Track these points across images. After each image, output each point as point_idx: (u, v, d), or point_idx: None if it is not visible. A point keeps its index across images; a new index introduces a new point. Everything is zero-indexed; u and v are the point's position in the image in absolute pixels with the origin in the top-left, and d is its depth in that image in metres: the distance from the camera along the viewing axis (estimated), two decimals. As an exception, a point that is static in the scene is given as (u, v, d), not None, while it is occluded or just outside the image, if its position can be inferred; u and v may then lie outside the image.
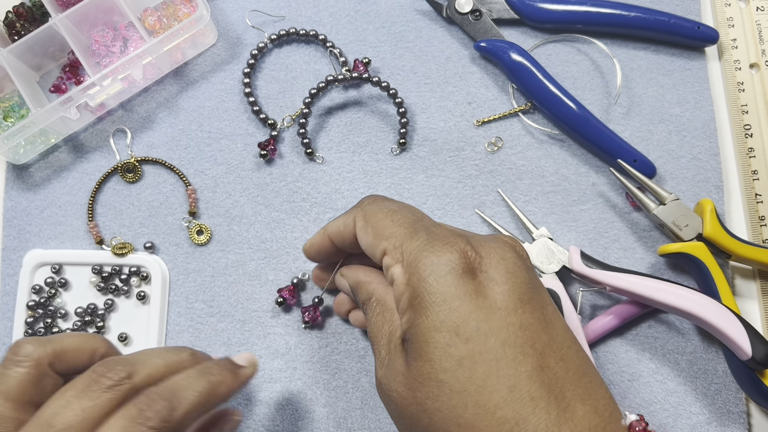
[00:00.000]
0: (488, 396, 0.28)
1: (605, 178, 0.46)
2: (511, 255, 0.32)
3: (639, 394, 0.43)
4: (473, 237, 0.33)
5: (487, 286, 0.30)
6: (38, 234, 0.47)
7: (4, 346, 0.45)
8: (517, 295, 0.30)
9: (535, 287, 0.31)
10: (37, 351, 0.33)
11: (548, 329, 0.30)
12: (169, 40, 0.45)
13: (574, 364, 0.30)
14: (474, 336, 0.29)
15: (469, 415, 0.28)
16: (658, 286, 0.40)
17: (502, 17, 0.48)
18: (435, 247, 0.31)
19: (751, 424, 0.43)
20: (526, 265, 0.32)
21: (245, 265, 0.46)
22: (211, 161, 0.47)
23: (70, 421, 0.29)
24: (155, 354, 0.33)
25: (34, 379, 0.32)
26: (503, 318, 0.29)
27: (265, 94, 0.48)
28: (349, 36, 0.49)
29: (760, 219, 0.45)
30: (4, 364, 0.32)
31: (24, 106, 0.47)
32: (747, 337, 0.39)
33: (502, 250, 0.32)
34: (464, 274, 0.30)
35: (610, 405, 0.30)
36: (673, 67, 0.48)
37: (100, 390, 0.30)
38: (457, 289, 0.30)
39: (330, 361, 0.44)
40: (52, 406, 0.30)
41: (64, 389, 0.30)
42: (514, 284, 0.30)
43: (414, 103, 0.48)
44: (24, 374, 0.32)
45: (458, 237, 0.32)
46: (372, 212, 0.35)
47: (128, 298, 0.46)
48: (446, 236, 0.32)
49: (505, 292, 0.30)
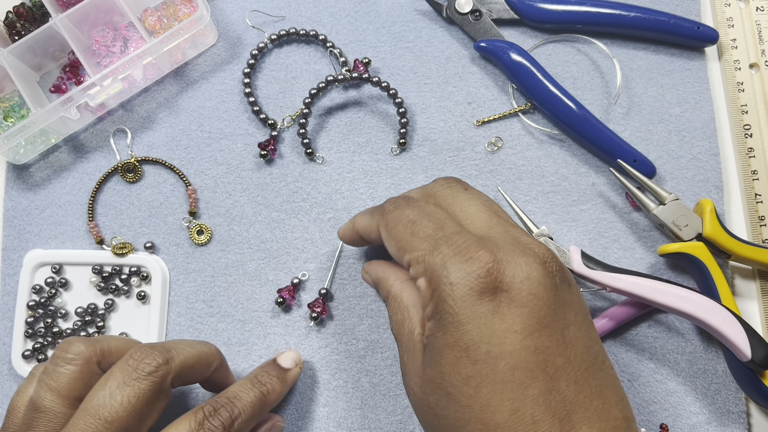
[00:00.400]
0: (491, 415, 0.28)
1: (605, 178, 0.46)
2: (538, 274, 0.30)
3: (639, 394, 0.43)
4: (502, 246, 0.31)
5: (507, 308, 0.29)
6: (38, 234, 0.47)
7: (4, 346, 0.45)
8: (536, 318, 0.29)
9: (560, 306, 0.30)
10: (87, 349, 0.35)
11: (565, 351, 0.29)
12: (170, 40, 0.45)
13: (589, 386, 0.29)
14: (483, 359, 0.29)
15: (472, 430, 0.29)
16: (658, 287, 0.40)
17: (502, 17, 0.48)
18: (456, 264, 0.30)
19: (751, 424, 0.43)
20: (553, 282, 0.30)
21: (245, 265, 0.46)
22: (211, 161, 0.47)
23: (117, 412, 0.31)
24: (186, 343, 0.35)
25: (84, 376, 0.34)
26: (518, 341, 0.29)
27: (266, 94, 0.48)
28: (349, 36, 0.49)
29: (759, 219, 0.45)
30: (55, 362, 0.34)
31: (24, 106, 0.47)
32: (747, 339, 0.39)
33: (529, 267, 0.30)
34: (483, 293, 0.29)
35: (622, 427, 0.29)
36: (672, 67, 0.48)
37: (140, 377, 0.32)
38: (473, 311, 0.29)
39: (330, 361, 0.44)
40: (97, 397, 0.32)
41: (105, 379, 0.32)
42: (534, 307, 0.29)
43: (414, 103, 0.48)
44: (75, 371, 0.34)
45: (483, 249, 0.30)
46: (393, 223, 0.34)
47: (128, 298, 0.46)
48: (469, 248, 0.30)
49: (524, 315, 0.29)
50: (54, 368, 0.34)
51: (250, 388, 0.36)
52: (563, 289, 0.31)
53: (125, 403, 0.32)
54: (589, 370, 0.30)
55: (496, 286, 0.29)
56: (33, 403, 0.33)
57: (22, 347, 0.45)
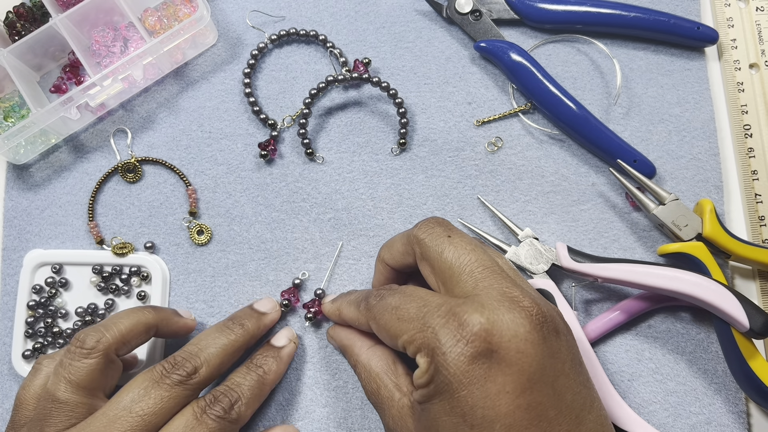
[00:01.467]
0: None
1: (605, 178, 0.46)
2: (524, 330, 0.30)
3: (639, 393, 0.43)
4: (488, 305, 0.31)
5: (497, 369, 0.30)
6: (39, 234, 0.47)
7: (5, 346, 0.45)
8: (526, 376, 0.30)
9: (549, 357, 0.31)
10: (102, 342, 0.36)
11: (557, 403, 0.30)
12: (170, 40, 0.45)
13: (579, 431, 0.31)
14: (480, 423, 0.30)
15: None
16: (648, 270, 0.40)
17: (502, 17, 0.48)
18: (446, 334, 0.31)
19: (751, 424, 0.43)
20: (541, 336, 0.30)
21: (245, 266, 0.46)
22: (211, 161, 0.47)
23: (150, 409, 0.34)
24: (213, 342, 0.38)
25: (103, 368, 0.36)
26: (511, 402, 0.29)
27: (266, 95, 0.48)
28: (349, 36, 0.49)
29: (759, 219, 0.45)
30: (71, 356, 0.36)
31: (24, 107, 0.47)
32: (743, 310, 0.39)
33: (515, 324, 0.30)
34: (476, 358, 0.30)
35: None
36: (672, 68, 0.48)
37: (172, 383, 0.35)
38: (467, 377, 0.30)
39: (330, 361, 0.44)
40: (131, 394, 0.35)
41: (140, 380, 0.35)
42: (524, 365, 0.30)
43: (414, 103, 0.48)
44: (94, 364, 0.36)
45: (469, 313, 0.31)
46: (379, 314, 0.35)
47: (128, 298, 0.46)
48: (456, 315, 0.31)
49: (514, 374, 0.30)
50: (71, 362, 0.36)
51: (247, 373, 0.39)
52: (551, 339, 0.31)
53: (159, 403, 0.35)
54: (579, 417, 0.31)
55: (486, 348, 0.30)
56: (50, 395, 0.35)
57: (22, 347, 0.45)
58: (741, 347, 0.40)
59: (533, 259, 0.43)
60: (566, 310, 0.41)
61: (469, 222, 0.46)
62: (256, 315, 0.42)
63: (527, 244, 0.43)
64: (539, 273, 0.43)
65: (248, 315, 0.41)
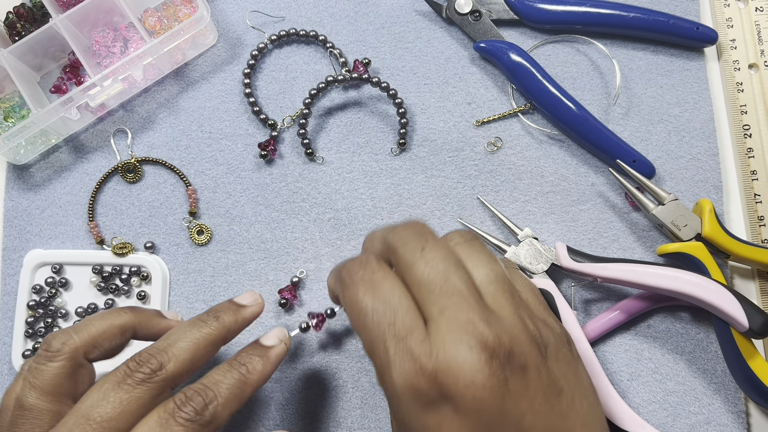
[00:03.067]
0: None
1: (604, 179, 0.46)
2: (482, 376, 0.27)
3: (638, 393, 0.43)
4: (447, 342, 0.28)
5: (452, 420, 0.28)
6: (39, 234, 0.47)
7: (5, 346, 0.45)
8: (485, 425, 0.28)
9: (512, 400, 0.28)
10: (68, 344, 0.34)
11: None
12: (170, 40, 0.45)
13: None
14: None
15: None
16: (647, 270, 0.40)
17: (502, 18, 0.48)
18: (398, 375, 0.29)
19: (751, 423, 0.43)
20: (501, 378, 0.28)
21: (245, 266, 0.46)
22: (211, 161, 0.47)
23: (108, 414, 0.30)
24: (184, 336, 0.34)
25: (68, 371, 0.33)
26: None
27: (266, 95, 0.48)
28: (349, 36, 0.49)
29: (758, 219, 0.45)
30: (38, 360, 0.34)
31: (24, 107, 0.48)
32: (742, 310, 0.39)
33: (472, 371, 0.27)
34: (428, 405, 0.28)
35: None
36: (672, 68, 0.48)
37: (135, 383, 0.31)
38: (419, 423, 0.28)
39: (330, 361, 0.44)
40: (90, 399, 0.31)
41: (101, 382, 0.32)
42: (483, 414, 0.27)
43: (414, 103, 0.48)
44: (58, 368, 0.33)
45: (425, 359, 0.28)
46: (348, 305, 0.32)
47: (128, 298, 0.46)
48: (411, 359, 0.28)
49: (472, 426, 0.27)
50: (36, 366, 0.33)
51: (227, 371, 0.34)
52: (514, 380, 0.28)
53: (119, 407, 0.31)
54: None
55: (439, 394, 0.28)
56: (18, 402, 0.33)
57: (22, 347, 0.45)
58: (740, 347, 0.40)
59: (533, 258, 0.43)
60: (566, 309, 0.41)
61: (469, 222, 0.46)
62: (234, 307, 0.38)
63: (527, 244, 0.44)
64: (539, 273, 0.43)
65: (225, 308, 0.37)
